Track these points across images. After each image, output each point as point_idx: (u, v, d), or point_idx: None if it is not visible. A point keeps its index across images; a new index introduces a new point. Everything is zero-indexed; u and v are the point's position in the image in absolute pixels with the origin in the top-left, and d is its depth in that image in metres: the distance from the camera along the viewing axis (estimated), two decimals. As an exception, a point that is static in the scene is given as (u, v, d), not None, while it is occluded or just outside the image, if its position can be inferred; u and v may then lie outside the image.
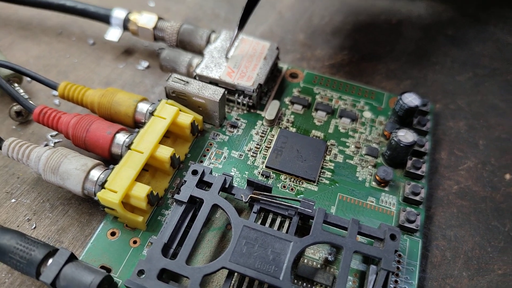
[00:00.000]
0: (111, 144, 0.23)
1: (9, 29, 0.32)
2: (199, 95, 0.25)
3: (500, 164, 0.27)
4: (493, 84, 0.32)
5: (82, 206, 0.24)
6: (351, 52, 0.32)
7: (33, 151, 0.23)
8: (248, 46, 0.28)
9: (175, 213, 0.21)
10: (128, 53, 0.31)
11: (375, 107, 0.28)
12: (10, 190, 0.24)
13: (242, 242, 0.20)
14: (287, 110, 0.28)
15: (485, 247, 0.24)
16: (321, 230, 0.21)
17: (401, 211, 0.23)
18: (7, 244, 0.20)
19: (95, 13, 0.30)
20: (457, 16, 0.36)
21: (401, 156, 0.25)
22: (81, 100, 0.25)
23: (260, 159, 0.25)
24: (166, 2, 0.35)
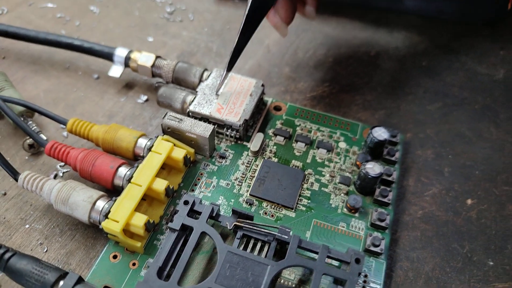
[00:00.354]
0: (113, 177, 0.26)
1: (21, 63, 0.36)
2: (191, 131, 0.28)
3: (463, 190, 0.30)
4: (461, 113, 0.34)
5: (87, 231, 0.27)
6: (331, 84, 0.35)
7: (45, 184, 0.26)
8: (236, 83, 0.31)
9: (169, 239, 0.24)
10: (129, 87, 0.34)
11: (350, 137, 0.31)
12: (24, 217, 0.27)
13: (226, 265, 0.23)
14: (270, 142, 0.31)
15: (444, 267, 0.27)
16: (295, 255, 0.24)
17: (368, 235, 0.26)
18: (24, 268, 0.23)
19: (99, 51, 0.34)
20: (431, 47, 0.39)
21: (370, 186, 0.28)
22: (87, 135, 0.29)
23: (245, 188, 0.28)
24: (163, 37, 0.39)
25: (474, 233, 0.28)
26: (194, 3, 0.42)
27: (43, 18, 0.40)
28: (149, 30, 0.39)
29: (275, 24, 0.31)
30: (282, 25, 0.31)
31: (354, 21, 0.41)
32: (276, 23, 0.31)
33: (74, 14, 0.40)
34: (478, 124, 0.34)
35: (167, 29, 0.39)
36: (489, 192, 0.30)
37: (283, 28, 0.31)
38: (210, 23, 0.40)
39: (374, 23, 0.41)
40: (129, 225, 0.24)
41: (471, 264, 0.27)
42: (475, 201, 0.29)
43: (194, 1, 0.43)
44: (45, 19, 0.39)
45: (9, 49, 0.37)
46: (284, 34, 0.32)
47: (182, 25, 0.40)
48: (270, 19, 0.31)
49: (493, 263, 0.27)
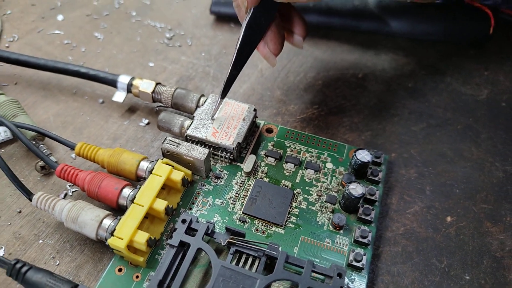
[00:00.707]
0: (118, 198, 0.29)
1: (32, 89, 0.39)
2: (188, 155, 0.31)
3: (443, 207, 0.33)
4: (444, 133, 0.37)
5: (95, 246, 0.30)
6: (320, 106, 0.38)
7: (57, 204, 0.29)
8: (230, 108, 0.34)
9: (168, 255, 0.27)
10: (131, 111, 0.38)
11: (337, 158, 0.34)
12: (37, 233, 0.30)
13: (220, 279, 0.26)
14: (262, 162, 0.34)
15: (423, 281, 0.29)
16: (282, 269, 0.26)
17: (351, 251, 0.29)
18: (40, 281, 0.26)
19: (104, 78, 0.37)
20: (418, 69, 0.42)
21: (353, 205, 0.30)
22: (94, 158, 0.32)
23: (238, 206, 0.31)
24: (163, 62, 0.42)
25: (452, 249, 0.31)
26: (192, 29, 0.46)
27: (52, 45, 0.43)
28: (150, 56, 0.42)
29: (265, 55, 0.34)
30: (271, 56, 0.34)
31: (342, 44, 0.44)
32: (265, 54, 0.34)
33: (80, 40, 0.44)
34: (459, 144, 0.37)
35: (166, 54, 0.43)
36: (468, 210, 0.33)
37: (272, 59, 0.34)
38: (207, 48, 0.44)
39: (362, 45, 0.44)
40: (132, 241, 0.27)
41: (448, 279, 0.29)
42: (454, 219, 0.32)
43: (192, 27, 0.46)
44: (53, 46, 0.43)
45: (21, 75, 0.40)
46: (273, 64, 0.34)
47: (181, 50, 0.43)
48: (260, 50, 0.34)
49: (469, 278, 0.29)
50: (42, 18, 0.46)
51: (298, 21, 0.35)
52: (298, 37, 0.35)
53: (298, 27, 0.35)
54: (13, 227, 0.31)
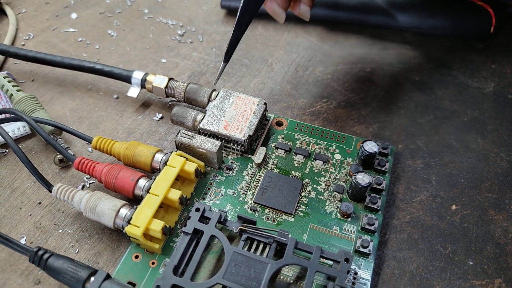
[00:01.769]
0: (134, 188, 0.31)
1: (48, 86, 0.41)
2: (201, 147, 0.33)
3: (448, 196, 0.34)
4: (450, 125, 0.39)
5: (112, 235, 0.32)
6: (329, 100, 0.40)
7: (75, 195, 0.31)
8: (241, 102, 0.36)
9: (183, 242, 0.29)
10: (145, 106, 0.40)
11: (345, 150, 0.36)
12: (57, 223, 0.32)
13: (232, 264, 0.28)
14: (272, 154, 0.35)
15: (427, 266, 0.31)
16: (292, 255, 0.28)
17: (358, 238, 0.30)
18: (61, 267, 0.28)
19: (118, 74, 0.39)
20: (425, 62, 0.44)
21: (360, 194, 0.32)
22: (110, 151, 0.34)
23: (249, 196, 0.33)
24: (175, 58, 0.44)
25: (456, 236, 0.32)
26: (203, 25, 0.48)
27: (66, 42, 0.45)
28: (162, 52, 0.44)
29: (272, 10, 0.33)
30: (279, 11, 0.33)
31: (350, 38, 0.46)
32: (273, 10, 0.33)
33: (94, 37, 0.46)
34: (466, 136, 0.38)
35: (178, 50, 0.45)
36: (473, 198, 0.34)
37: (280, 14, 0.33)
38: (218, 44, 0.45)
39: (370, 40, 0.46)
40: (148, 229, 0.29)
41: (452, 264, 0.31)
42: (459, 207, 0.34)
43: (203, 23, 0.48)
44: (67, 43, 0.45)
45: (37, 72, 0.42)
46: (282, 20, 0.33)
47: (192, 46, 0.45)
48: (268, 6, 0.33)
49: (473, 263, 0.31)
50: (56, 16, 0.48)
51: None
52: (304, 6, 0.34)
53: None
54: (33, 217, 0.33)
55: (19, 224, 0.32)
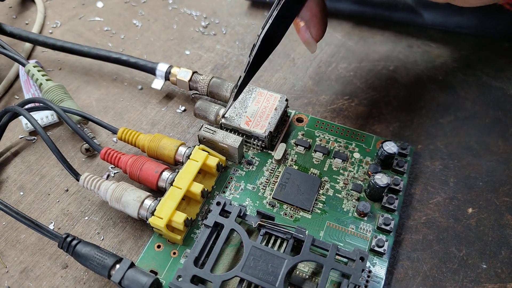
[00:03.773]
0: (158, 180, 0.33)
1: (75, 74, 0.43)
2: (223, 142, 0.34)
3: (466, 199, 0.35)
4: (471, 126, 0.39)
5: (136, 224, 0.34)
6: (350, 98, 0.41)
7: (102, 184, 0.33)
8: (263, 98, 0.37)
9: (203, 234, 0.31)
10: (169, 97, 0.41)
11: (364, 149, 0.37)
12: (83, 210, 0.34)
13: (251, 258, 0.30)
14: (292, 151, 0.37)
15: (441, 268, 0.32)
16: (308, 251, 0.30)
17: (374, 237, 0.32)
18: (89, 253, 0.30)
19: (143, 66, 0.40)
20: (449, 61, 0.44)
21: (378, 194, 0.33)
22: (134, 142, 0.35)
23: (268, 191, 0.34)
24: (198, 50, 0.45)
25: (471, 239, 0.33)
26: (227, 17, 0.49)
27: (92, 31, 0.47)
28: (186, 44, 0.46)
29: (306, 40, 0.33)
30: (312, 42, 0.33)
31: (375, 35, 0.46)
32: (306, 40, 0.33)
33: (119, 27, 0.47)
34: (486, 138, 0.38)
35: (202, 42, 0.46)
36: (490, 202, 0.35)
37: (313, 45, 0.33)
38: (241, 37, 0.46)
39: (395, 37, 0.46)
40: (171, 221, 0.31)
41: (466, 266, 0.32)
42: (476, 210, 0.34)
43: (226, 15, 0.49)
44: (93, 32, 0.47)
45: (64, 61, 0.44)
46: (313, 51, 0.34)
47: (216, 39, 0.46)
48: (302, 35, 0.33)
49: (486, 266, 0.32)
50: (82, 4, 0.50)
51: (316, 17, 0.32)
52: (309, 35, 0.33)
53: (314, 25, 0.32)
54: (61, 204, 0.35)
55: (47, 210, 0.34)
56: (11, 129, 0.39)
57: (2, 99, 0.41)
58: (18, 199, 0.35)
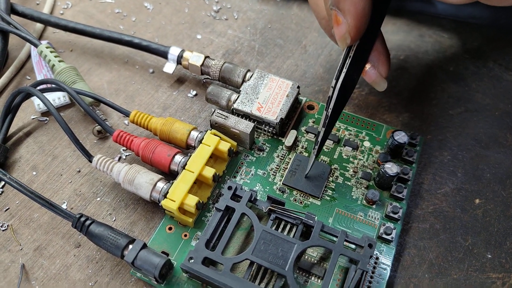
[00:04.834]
0: (170, 164, 0.34)
1: (87, 56, 0.43)
2: (235, 127, 0.35)
3: (473, 190, 0.36)
4: (480, 119, 0.40)
5: (147, 206, 0.34)
6: (361, 86, 0.41)
7: (114, 166, 0.34)
8: (275, 84, 0.38)
9: (215, 217, 0.32)
10: (180, 82, 0.42)
11: (374, 137, 0.37)
12: (95, 191, 0.35)
13: (261, 242, 0.30)
14: (302, 138, 0.37)
15: (446, 256, 0.33)
16: (318, 237, 0.31)
17: (382, 225, 0.33)
18: (102, 233, 0.31)
19: (155, 49, 0.41)
20: (461, 52, 0.44)
21: (387, 183, 0.34)
22: (146, 125, 0.36)
23: (278, 177, 0.35)
24: (210, 35, 0.45)
25: (477, 229, 0.34)
26: (239, 2, 0.49)
27: (103, 13, 0.47)
28: (197, 28, 0.46)
29: (374, 80, 0.31)
30: (382, 80, 0.31)
31: (386, 24, 0.47)
32: (375, 79, 0.31)
33: (130, 10, 0.48)
34: (495, 130, 0.39)
35: (213, 27, 0.46)
36: (497, 193, 0.36)
37: (383, 83, 0.31)
38: (253, 22, 0.47)
39: (407, 26, 0.46)
40: (183, 204, 0.32)
41: (471, 256, 0.33)
42: (483, 201, 0.35)
43: (238, 0, 0.49)
44: (105, 14, 0.47)
45: (75, 42, 0.44)
46: (384, 88, 0.31)
47: (227, 24, 0.47)
48: (369, 76, 0.31)
49: (491, 256, 0.33)
50: (93, -15, 0.50)
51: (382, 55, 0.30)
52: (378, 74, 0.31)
53: (382, 63, 0.31)
54: (73, 185, 0.36)
55: (60, 190, 0.35)
56: (23, 110, 0.39)
57: (14, 80, 0.42)
58: (31, 179, 0.36)
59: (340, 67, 0.30)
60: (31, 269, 0.32)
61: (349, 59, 0.29)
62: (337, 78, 0.30)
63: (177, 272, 0.31)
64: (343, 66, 0.29)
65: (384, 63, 0.31)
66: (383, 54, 0.31)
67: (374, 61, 0.31)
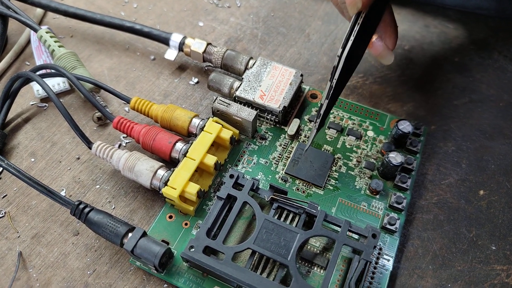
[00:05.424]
0: (171, 151, 0.33)
1: (87, 42, 0.42)
2: (237, 115, 0.34)
3: (477, 181, 0.35)
4: (485, 109, 0.39)
5: (147, 194, 0.33)
6: (365, 76, 0.40)
7: (114, 153, 0.32)
8: (278, 72, 0.36)
9: (216, 206, 0.31)
10: (182, 69, 0.40)
11: (378, 127, 0.36)
12: (95, 178, 0.34)
13: (263, 231, 0.29)
14: (305, 127, 0.36)
15: (450, 248, 0.32)
16: (321, 227, 0.30)
17: (386, 215, 0.32)
18: (101, 221, 0.29)
19: (157, 36, 0.39)
20: (466, 43, 0.43)
21: (391, 172, 0.33)
22: (147, 112, 0.35)
23: (281, 166, 0.34)
24: (212, 22, 0.44)
25: (482, 221, 0.33)
26: (242, -11, 0.47)
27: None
28: (199, 15, 0.45)
29: (380, 53, 0.30)
30: (388, 53, 0.30)
31: (392, 13, 0.45)
32: (381, 52, 0.30)
33: (132, -5, 0.46)
34: (500, 121, 0.38)
35: (216, 14, 0.45)
36: (502, 185, 0.35)
37: (389, 56, 0.30)
38: (255, 10, 0.45)
39: (412, 16, 0.45)
40: (184, 192, 0.31)
41: (475, 247, 0.32)
42: (487, 192, 0.34)
43: (241, -13, 0.48)
44: (106, 0, 0.45)
45: (76, 28, 0.43)
46: (390, 62, 0.30)
47: (230, 11, 0.45)
48: (375, 48, 0.30)
49: (495, 248, 0.32)
50: (94, -29, 0.48)
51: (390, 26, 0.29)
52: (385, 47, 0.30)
53: (389, 35, 0.29)
54: (72, 172, 0.34)
55: (58, 177, 0.34)
56: (22, 95, 0.38)
57: (13, 65, 0.41)
58: (30, 166, 0.35)
59: (347, 36, 0.28)
60: (28, 257, 0.31)
61: (357, 26, 0.28)
62: (343, 46, 0.28)
63: (177, 261, 0.30)
64: (350, 34, 0.28)
65: (391, 35, 0.29)
66: (391, 26, 0.29)
67: (381, 33, 0.29)
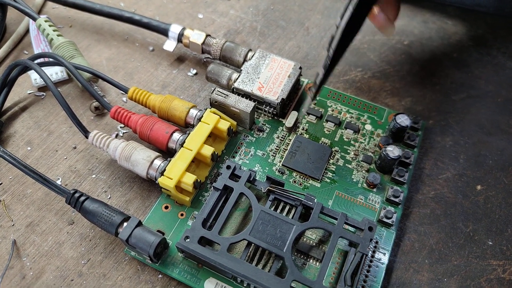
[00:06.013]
0: (168, 141, 0.32)
1: (86, 33, 0.41)
2: (235, 106, 0.33)
3: (475, 176, 0.34)
4: (483, 105, 0.38)
5: (143, 184, 0.33)
6: (364, 70, 0.39)
7: (111, 142, 0.32)
8: (277, 64, 0.36)
9: (212, 197, 0.30)
10: (180, 60, 0.39)
11: (376, 121, 0.36)
12: (91, 168, 0.33)
13: (259, 222, 0.29)
14: (303, 120, 0.35)
15: (447, 242, 0.31)
16: (317, 219, 0.29)
17: (382, 208, 0.31)
18: (97, 210, 0.29)
19: (156, 27, 0.38)
20: (465, 39, 0.42)
21: (388, 166, 0.32)
22: (145, 102, 0.34)
23: (278, 158, 0.33)
24: (212, 15, 0.43)
25: (479, 216, 0.32)
26: (242, -18, 0.47)
27: (104, -11, 0.45)
28: (199, 7, 0.44)
29: (381, 24, 0.29)
30: (389, 24, 0.29)
31: (391, 8, 0.45)
32: (382, 23, 0.29)
33: (132, -13, 0.45)
34: (498, 117, 0.37)
35: (215, 7, 0.44)
36: (499, 180, 0.34)
37: (391, 27, 0.29)
38: (255, 3, 0.45)
39: (411, 11, 0.44)
40: (180, 182, 0.30)
41: (472, 242, 0.31)
42: (484, 187, 0.34)
43: (241, -20, 0.47)
44: (105, -10, 0.45)
45: (75, 18, 0.42)
46: (391, 34, 0.30)
47: (230, 4, 0.44)
48: (377, 20, 0.30)
49: (492, 243, 0.31)
50: (94, -38, 0.48)
51: None
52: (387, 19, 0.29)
53: (391, 6, 0.29)
54: (69, 161, 0.34)
55: (54, 166, 0.33)
56: (19, 84, 0.37)
57: (11, 54, 0.40)
58: (26, 154, 0.34)
59: (347, 4, 0.27)
60: (22, 245, 0.30)
61: None
62: (342, 16, 0.28)
63: (172, 252, 0.29)
64: (348, 5, 0.27)
65: (393, 7, 0.29)
66: None
67: (383, 4, 0.29)
